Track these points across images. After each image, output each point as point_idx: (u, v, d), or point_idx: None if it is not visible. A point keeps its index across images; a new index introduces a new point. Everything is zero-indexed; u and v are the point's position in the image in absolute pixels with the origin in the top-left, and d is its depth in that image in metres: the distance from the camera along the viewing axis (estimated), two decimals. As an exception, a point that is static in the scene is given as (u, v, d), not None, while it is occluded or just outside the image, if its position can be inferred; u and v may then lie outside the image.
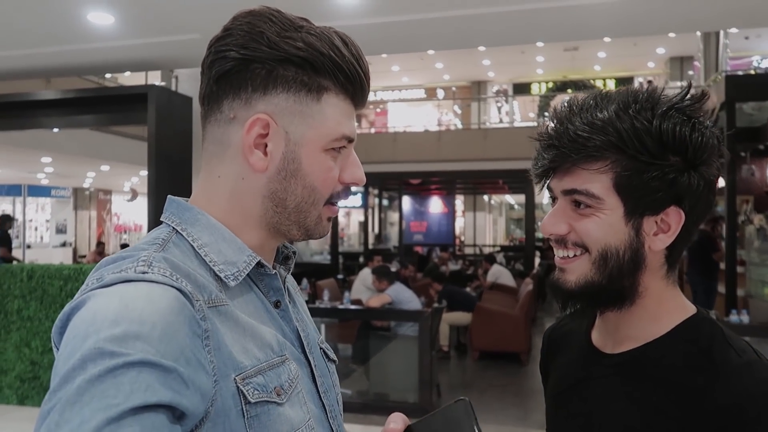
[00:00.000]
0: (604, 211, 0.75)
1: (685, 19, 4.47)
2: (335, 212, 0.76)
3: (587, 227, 0.76)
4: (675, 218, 0.75)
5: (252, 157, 0.69)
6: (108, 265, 0.63)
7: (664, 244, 0.77)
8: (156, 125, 4.81)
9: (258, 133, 0.69)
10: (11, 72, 5.48)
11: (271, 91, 0.68)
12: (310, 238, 0.75)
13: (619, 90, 0.78)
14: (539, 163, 0.79)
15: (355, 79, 0.71)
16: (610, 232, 0.75)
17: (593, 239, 0.76)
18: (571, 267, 0.78)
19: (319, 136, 0.70)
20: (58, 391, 0.52)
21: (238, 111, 0.69)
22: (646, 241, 0.76)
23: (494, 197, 22.13)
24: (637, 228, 0.75)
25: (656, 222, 0.76)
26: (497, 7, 3.99)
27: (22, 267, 5.02)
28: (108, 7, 3.98)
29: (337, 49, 0.69)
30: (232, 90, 0.69)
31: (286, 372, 0.68)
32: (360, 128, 16.99)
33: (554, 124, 0.78)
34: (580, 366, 0.86)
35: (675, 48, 15.24)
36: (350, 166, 0.74)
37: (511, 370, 6.44)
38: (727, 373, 0.71)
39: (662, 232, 0.76)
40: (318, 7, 3.98)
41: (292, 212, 0.71)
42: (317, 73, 0.68)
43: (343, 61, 0.69)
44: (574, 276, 0.78)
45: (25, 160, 11.18)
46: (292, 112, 0.69)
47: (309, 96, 0.69)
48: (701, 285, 7.11)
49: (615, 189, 0.74)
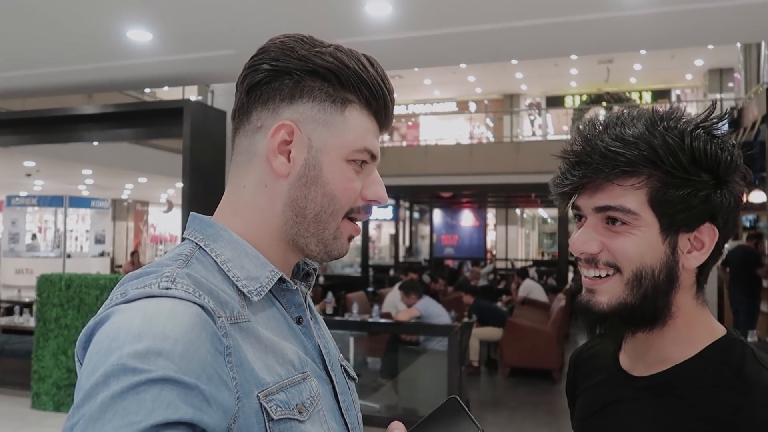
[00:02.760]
0: (639, 228, 0.73)
1: (725, 30, 4.36)
2: (357, 231, 0.75)
3: (623, 245, 0.74)
4: (709, 235, 0.74)
5: (275, 162, 0.71)
6: (132, 281, 0.64)
7: (698, 261, 0.75)
8: (191, 139, 4.92)
9: (282, 139, 0.70)
10: (55, 88, 5.68)
11: (297, 100, 0.70)
12: (329, 257, 0.74)
13: (641, 109, 0.78)
14: (566, 181, 0.77)
15: (379, 96, 0.72)
16: (647, 250, 0.73)
17: (629, 258, 0.74)
18: (602, 288, 0.76)
19: (341, 145, 0.71)
20: (82, 407, 0.52)
21: (265, 120, 0.71)
22: (681, 259, 0.75)
23: (526, 211, 21.87)
24: (673, 246, 0.74)
25: (690, 240, 0.75)
26: (530, 21, 3.96)
27: (60, 276, 5.16)
28: (146, 24, 4.11)
29: (363, 66, 0.71)
30: (261, 100, 0.72)
31: (307, 389, 0.68)
32: (392, 141, 17.02)
33: (581, 142, 0.76)
34: (608, 389, 0.84)
35: (714, 60, 14.89)
36: (373, 183, 0.74)
37: (543, 387, 6.31)
38: (760, 393, 0.69)
39: (696, 249, 0.75)
40: (351, 22, 4.03)
41: (311, 222, 0.72)
42: (342, 87, 0.71)
43: (367, 76, 0.71)
44: (605, 297, 0.76)
45: (67, 172, 11.56)
46: (316, 121, 0.71)
47: (333, 107, 0.71)
48: (744, 304, 6.92)
49: (650, 204, 0.73)
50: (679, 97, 17.14)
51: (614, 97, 17.64)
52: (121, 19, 4.01)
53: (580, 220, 0.79)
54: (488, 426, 4.94)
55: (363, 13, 3.87)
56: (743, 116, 9.07)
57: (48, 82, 5.46)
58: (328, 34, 0.73)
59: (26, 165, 10.51)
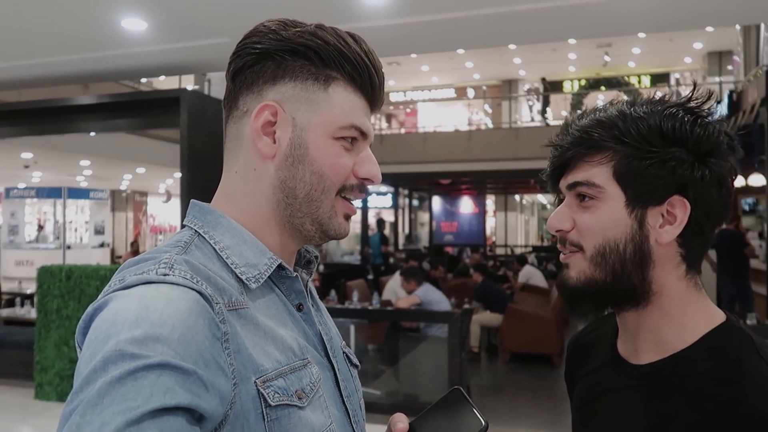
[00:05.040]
0: (605, 201, 0.75)
1: (724, 12, 4.33)
2: (352, 210, 0.75)
3: (588, 221, 0.76)
4: (680, 208, 0.74)
5: (260, 143, 0.71)
6: (130, 267, 0.64)
7: (671, 236, 0.74)
8: (188, 128, 4.90)
9: (266, 120, 0.70)
10: (51, 78, 5.65)
11: (280, 81, 0.70)
12: (328, 237, 0.74)
13: (624, 99, 0.81)
14: (549, 166, 0.81)
15: (363, 71, 0.71)
16: (611, 224, 0.74)
17: (592, 233, 0.75)
18: (570, 262, 0.78)
19: (326, 122, 0.71)
20: (80, 392, 0.52)
21: (250, 103, 0.72)
22: (652, 234, 0.75)
23: (526, 197, 21.86)
24: (641, 219, 0.74)
25: (662, 214, 0.75)
26: (527, 5, 3.93)
27: (60, 267, 5.17)
28: (140, 13, 4.07)
29: (344, 42, 0.71)
30: (245, 85, 0.72)
31: (307, 375, 0.68)
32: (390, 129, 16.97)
33: (561, 131, 0.81)
34: (605, 376, 0.83)
35: (713, 42, 14.79)
36: (364, 161, 0.74)
37: (542, 372, 6.34)
38: (757, 387, 0.68)
39: (668, 223, 0.75)
40: (347, 9, 4.00)
41: (303, 202, 0.71)
42: (324, 64, 0.70)
43: (349, 51, 0.70)
44: (574, 272, 0.78)
45: (65, 163, 11.53)
46: (299, 99, 0.70)
47: (316, 84, 0.70)
48: (733, 286, 6.94)
49: (615, 177, 0.74)
50: (678, 80, 17.05)
51: (612, 82, 17.56)
52: (115, 7, 3.97)
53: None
54: (488, 411, 4.97)
55: (359, -1, 3.84)
56: (742, 99, 9.04)
57: (43, 72, 5.42)
58: (324, 21, 0.73)
59: (24, 156, 10.48)
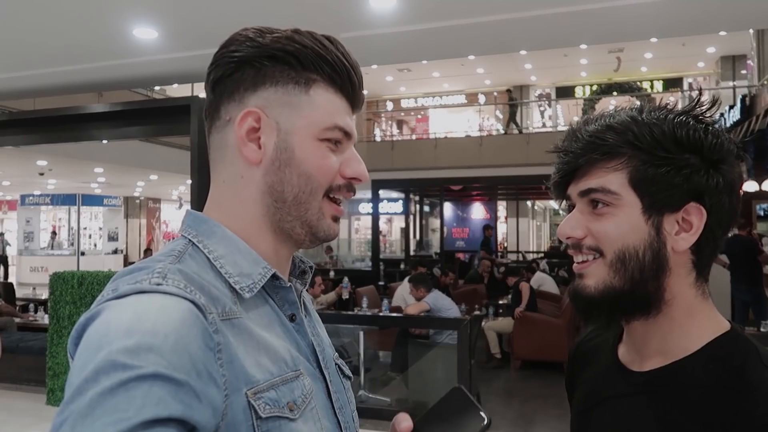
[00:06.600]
0: (621, 208, 0.73)
1: (737, 16, 4.29)
2: (340, 212, 0.75)
3: (604, 227, 0.74)
4: (697, 215, 0.72)
5: (245, 150, 0.71)
6: (124, 276, 0.64)
7: (687, 243, 0.73)
8: (198, 135, 4.92)
9: (250, 126, 0.70)
10: (65, 86, 5.72)
11: (261, 87, 0.71)
12: (318, 239, 0.73)
13: (631, 105, 0.79)
14: (556, 174, 0.79)
15: (342, 72, 0.72)
16: (629, 231, 0.73)
17: (610, 239, 0.74)
18: (588, 271, 0.76)
19: (310, 125, 0.71)
20: (71, 403, 0.52)
21: (232, 112, 0.72)
22: (668, 241, 0.73)
23: (537, 203, 21.74)
24: (658, 226, 0.73)
25: (677, 221, 0.73)
26: (538, 11, 3.92)
27: (73, 274, 5.21)
28: (151, 22, 4.12)
29: (321, 44, 0.71)
30: (226, 94, 0.72)
31: (299, 387, 0.67)
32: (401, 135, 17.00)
33: (568, 136, 0.79)
34: (605, 383, 0.82)
35: (726, 47, 14.67)
36: (350, 160, 0.74)
37: (553, 379, 6.28)
38: (760, 396, 0.67)
39: (684, 231, 0.73)
40: (356, 16, 4.01)
41: (291, 206, 0.71)
42: (304, 67, 0.71)
43: (327, 53, 0.71)
44: (592, 281, 0.75)
45: (79, 171, 11.67)
46: (281, 104, 0.71)
47: (297, 88, 0.71)
48: (747, 293, 6.84)
49: (631, 184, 0.73)
50: (692, 85, 16.92)
51: (624, 87, 17.44)
52: (127, 17, 4.02)
53: (571, 210, 0.79)
54: (499, 418, 4.93)
55: (367, 7, 3.85)
56: (756, 103, 8.94)
57: (58, 81, 5.50)
58: (332, 29, 0.73)
59: (39, 164, 10.63)
